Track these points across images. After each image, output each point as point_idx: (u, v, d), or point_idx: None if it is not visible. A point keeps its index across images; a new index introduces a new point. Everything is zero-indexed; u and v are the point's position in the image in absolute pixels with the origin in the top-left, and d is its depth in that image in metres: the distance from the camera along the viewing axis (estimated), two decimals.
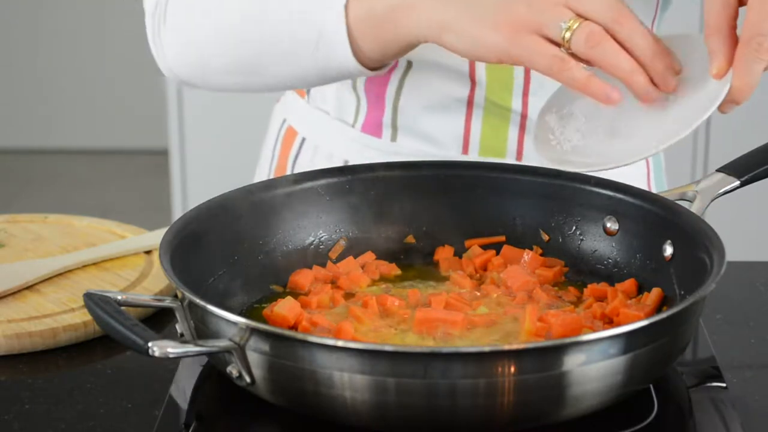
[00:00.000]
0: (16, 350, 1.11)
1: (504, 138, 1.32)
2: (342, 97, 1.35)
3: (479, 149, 1.32)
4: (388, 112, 1.33)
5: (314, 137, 1.39)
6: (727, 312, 1.19)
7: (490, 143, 1.32)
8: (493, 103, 1.30)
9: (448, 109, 1.31)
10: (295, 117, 1.43)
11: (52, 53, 4.39)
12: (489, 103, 1.30)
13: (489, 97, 1.30)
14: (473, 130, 1.32)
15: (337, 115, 1.36)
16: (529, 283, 1.13)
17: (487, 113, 1.31)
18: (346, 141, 1.36)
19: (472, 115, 1.31)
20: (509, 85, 1.29)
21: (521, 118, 1.31)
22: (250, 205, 1.15)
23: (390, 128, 1.33)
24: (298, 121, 1.42)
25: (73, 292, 1.20)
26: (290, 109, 1.44)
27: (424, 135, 1.33)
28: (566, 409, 0.92)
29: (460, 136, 1.32)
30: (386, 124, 1.33)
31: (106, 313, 0.95)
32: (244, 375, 0.94)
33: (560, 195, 1.18)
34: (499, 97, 1.30)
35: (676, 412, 1.01)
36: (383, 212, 1.20)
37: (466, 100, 1.30)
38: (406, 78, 1.31)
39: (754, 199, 2.78)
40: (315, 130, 1.39)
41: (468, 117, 1.31)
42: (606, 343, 0.91)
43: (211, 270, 1.10)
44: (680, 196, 1.15)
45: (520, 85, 1.29)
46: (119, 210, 3.94)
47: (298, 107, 1.42)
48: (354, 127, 1.35)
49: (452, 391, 0.89)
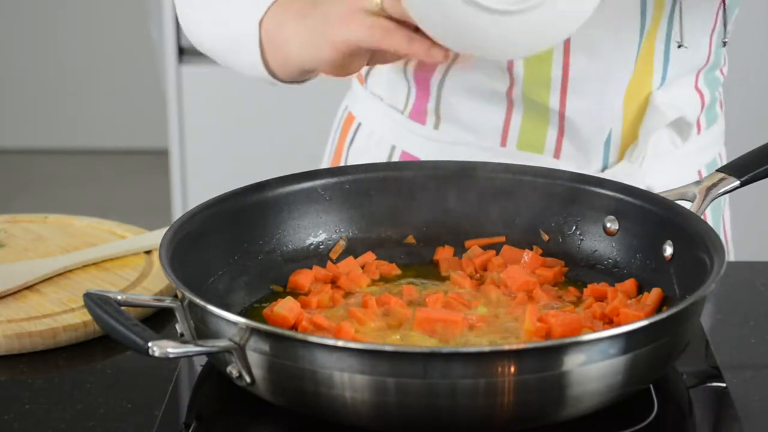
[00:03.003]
0: (16, 350, 1.11)
1: (543, 135, 1.32)
2: (394, 81, 1.37)
3: (518, 143, 1.33)
4: (433, 99, 1.34)
5: (368, 122, 1.42)
6: (727, 312, 1.19)
7: (528, 138, 1.33)
8: (531, 100, 1.30)
9: (489, 102, 1.32)
10: (353, 102, 1.45)
11: (52, 53, 4.39)
12: (527, 99, 1.31)
13: (526, 94, 1.30)
14: (512, 124, 1.32)
15: (389, 100, 1.38)
16: (529, 283, 1.13)
17: (527, 109, 1.31)
18: (395, 126, 1.38)
19: (513, 109, 1.31)
20: (547, 82, 1.29)
21: (559, 118, 1.31)
22: (250, 205, 1.15)
23: (434, 115, 1.35)
24: (356, 106, 1.45)
25: (73, 292, 1.20)
26: (351, 95, 1.47)
27: (465, 124, 1.34)
28: (566, 409, 0.92)
29: (499, 128, 1.33)
30: (430, 111, 1.35)
31: (106, 313, 0.95)
32: (244, 375, 0.94)
33: (560, 195, 1.18)
34: (537, 94, 1.30)
35: (676, 412, 1.01)
36: (383, 212, 1.20)
37: (506, 94, 1.31)
38: (450, 67, 1.32)
39: (754, 199, 2.78)
40: (369, 114, 1.42)
41: (508, 111, 1.31)
42: (606, 343, 0.91)
43: (211, 270, 1.10)
44: (680, 196, 1.15)
45: (558, 82, 1.29)
46: (119, 210, 3.93)
47: (357, 93, 1.44)
48: (403, 114, 1.37)
49: (452, 391, 0.89)
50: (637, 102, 1.31)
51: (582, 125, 1.31)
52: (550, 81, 1.29)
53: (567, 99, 1.30)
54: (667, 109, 1.31)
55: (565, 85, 1.29)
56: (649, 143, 1.32)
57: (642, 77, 1.30)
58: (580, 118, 1.30)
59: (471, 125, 1.34)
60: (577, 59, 1.28)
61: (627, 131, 1.32)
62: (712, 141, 1.41)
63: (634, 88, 1.30)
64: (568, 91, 1.30)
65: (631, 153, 1.32)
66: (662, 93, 1.32)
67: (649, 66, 1.30)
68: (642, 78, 1.30)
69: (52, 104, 4.45)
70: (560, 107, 1.30)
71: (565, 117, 1.31)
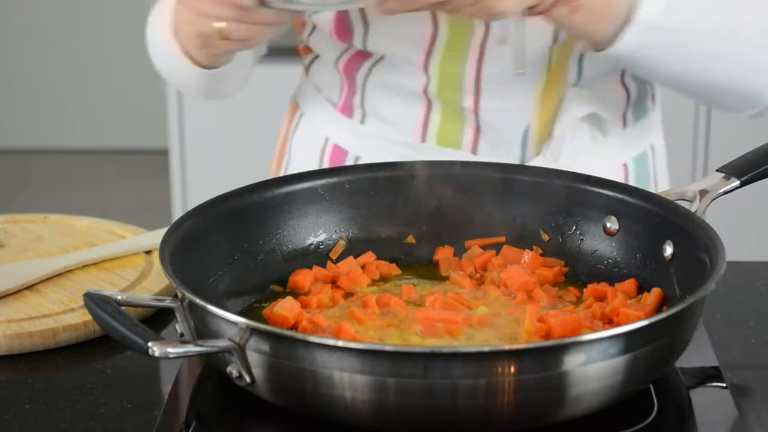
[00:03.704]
0: (16, 350, 1.11)
1: (460, 132, 1.35)
2: (330, 75, 1.40)
3: (436, 139, 1.36)
4: (359, 94, 1.38)
5: (308, 112, 1.45)
6: (727, 312, 1.19)
7: (446, 135, 1.35)
8: (446, 99, 1.33)
9: (408, 99, 1.35)
10: (298, 92, 1.49)
11: (52, 53, 4.39)
12: (443, 99, 1.33)
13: (441, 93, 1.33)
14: (431, 121, 1.35)
15: (326, 93, 1.42)
16: (529, 283, 1.13)
17: (444, 107, 1.34)
18: (328, 118, 1.42)
19: (431, 107, 1.34)
20: (460, 83, 1.32)
21: (475, 117, 1.33)
22: (249, 205, 1.15)
23: (360, 110, 1.39)
24: (299, 95, 1.48)
25: (73, 292, 1.20)
26: (297, 86, 1.50)
27: (387, 120, 1.37)
28: (566, 409, 0.92)
29: (418, 125, 1.35)
30: (357, 106, 1.39)
31: (106, 313, 0.95)
32: (244, 375, 0.94)
33: (560, 195, 1.18)
34: (451, 94, 1.33)
35: (676, 412, 1.01)
36: (383, 212, 1.20)
37: (423, 93, 1.34)
38: (375, 65, 1.35)
39: (754, 199, 2.78)
40: (308, 104, 1.45)
41: (426, 108, 1.35)
42: (606, 343, 0.91)
43: (211, 270, 1.10)
44: (680, 196, 1.15)
45: (471, 83, 1.31)
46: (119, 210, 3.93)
47: (302, 83, 1.47)
48: (336, 107, 1.41)
49: (452, 391, 0.89)
50: (552, 100, 1.33)
51: (497, 123, 1.33)
52: (464, 82, 1.32)
53: (480, 99, 1.32)
54: (579, 105, 1.33)
55: (478, 86, 1.32)
56: (566, 138, 1.33)
57: (557, 77, 1.32)
58: (495, 118, 1.33)
59: (393, 121, 1.37)
60: (489, 62, 1.30)
61: (543, 127, 1.34)
62: (641, 134, 1.41)
63: (549, 87, 1.32)
64: (481, 92, 1.32)
65: (547, 148, 1.34)
66: (578, 90, 1.33)
67: (564, 67, 1.32)
68: (557, 77, 1.32)
69: (52, 104, 4.45)
70: (474, 107, 1.33)
71: (479, 116, 1.33)
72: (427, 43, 1.30)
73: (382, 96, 1.36)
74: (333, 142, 1.40)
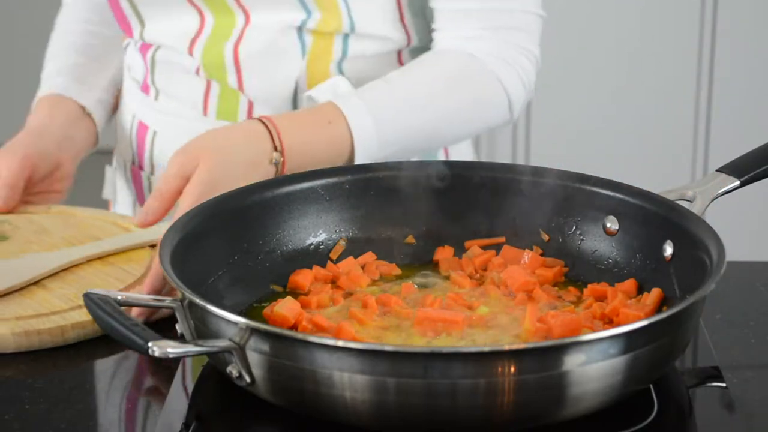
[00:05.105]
0: (24, 348, 1.11)
1: (236, 105, 1.46)
2: (135, 56, 1.54)
3: (216, 113, 1.47)
4: (150, 74, 1.51)
5: (123, 92, 1.60)
6: (727, 312, 1.19)
7: (224, 108, 1.47)
8: (216, 78, 1.45)
9: (189, 79, 1.47)
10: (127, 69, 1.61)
11: None
12: (213, 78, 1.46)
13: (208, 73, 1.45)
14: (210, 97, 1.47)
15: (134, 72, 1.55)
16: (529, 283, 1.13)
17: (220, 85, 1.46)
18: (134, 95, 1.55)
19: (210, 85, 1.47)
20: (221, 64, 1.44)
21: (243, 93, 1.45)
22: (249, 205, 1.15)
23: (153, 88, 1.52)
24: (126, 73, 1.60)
25: (79, 287, 1.20)
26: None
27: (174, 97, 1.50)
28: (566, 409, 0.92)
29: (200, 101, 1.48)
30: (151, 84, 1.52)
31: (106, 313, 0.95)
32: (244, 375, 0.94)
33: (560, 195, 1.18)
34: (216, 74, 1.45)
35: (676, 412, 1.01)
36: (383, 212, 1.20)
37: (196, 73, 1.46)
38: (158, 50, 1.49)
39: (754, 199, 2.78)
40: (124, 85, 1.59)
41: (206, 86, 1.47)
42: (606, 343, 0.91)
43: (211, 270, 1.10)
44: (680, 196, 1.15)
45: (231, 64, 1.44)
46: None
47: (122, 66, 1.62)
48: (139, 85, 1.54)
49: (452, 391, 0.89)
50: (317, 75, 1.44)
51: (265, 98, 1.45)
52: (224, 63, 1.44)
53: (243, 77, 1.44)
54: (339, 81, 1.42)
55: (238, 66, 1.44)
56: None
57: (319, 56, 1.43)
58: (261, 93, 1.45)
59: (178, 97, 1.50)
60: (246, 45, 1.42)
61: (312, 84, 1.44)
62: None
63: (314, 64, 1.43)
64: (242, 71, 1.44)
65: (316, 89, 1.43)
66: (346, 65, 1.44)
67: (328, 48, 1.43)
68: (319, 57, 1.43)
69: None
70: (238, 85, 1.45)
71: (245, 91, 1.45)
72: (193, 32, 1.44)
73: (169, 75, 1.49)
74: (138, 118, 1.54)
